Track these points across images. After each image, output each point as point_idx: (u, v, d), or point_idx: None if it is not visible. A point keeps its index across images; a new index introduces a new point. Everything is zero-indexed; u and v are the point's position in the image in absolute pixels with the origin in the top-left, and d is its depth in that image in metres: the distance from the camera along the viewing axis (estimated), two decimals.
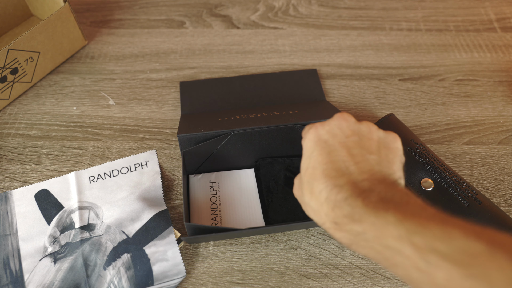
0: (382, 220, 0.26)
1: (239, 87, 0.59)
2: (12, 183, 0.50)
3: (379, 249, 0.26)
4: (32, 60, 0.57)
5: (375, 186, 0.28)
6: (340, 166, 0.30)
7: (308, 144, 0.32)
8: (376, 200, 0.27)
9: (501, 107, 0.57)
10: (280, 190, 0.47)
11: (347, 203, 0.28)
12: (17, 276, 0.43)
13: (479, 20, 0.69)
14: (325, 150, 0.31)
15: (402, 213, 0.25)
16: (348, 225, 0.27)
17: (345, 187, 0.28)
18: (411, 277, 0.24)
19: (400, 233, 0.25)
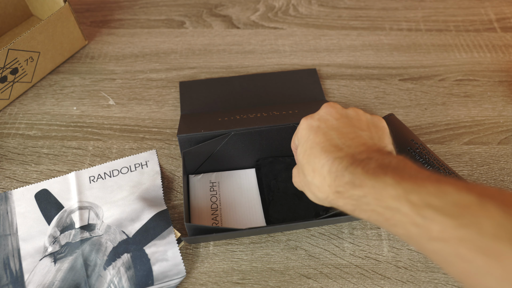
0: (381, 183, 0.27)
1: (239, 87, 0.59)
2: (12, 183, 0.50)
3: (379, 211, 0.27)
4: (32, 60, 0.57)
5: (372, 155, 0.30)
6: (337, 142, 0.32)
7: (302, 133, 0.35)
8: (374, 166, 0.29)
9: (501, 107, 0.57)
10: (281, 189, 0.47)
11: (348, 171, 0.30)
12: (17, 276, 0.43)
13: (479, 20, 0.69)
14: (320, 133, 0.34)
15: (399, 176, 0.27)
16: (350, 191, 0.29)
17: (345, 159, 0.30)
18: (410, 233, 0.26)
19: (398, 192, 0.26)
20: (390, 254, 0.44)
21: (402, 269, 0.43)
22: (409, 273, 0.43)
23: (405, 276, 0.43)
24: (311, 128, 0.35)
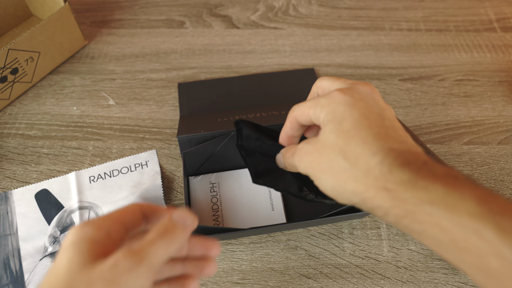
0: (457, 194, 0.22)
1: (237, 87, 0.59)
2: (12, 183, 0.50)
3: (447, 227, 0.22)
4: (32, 60, 0.57)
5: (431, 161, 0.25)
6: (392, 133, 0.27)
7: (339, 108, 0.28)
8: (443, 174, 0.23)
9: (501, 107, 0.57)
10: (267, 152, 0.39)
11: (409, 168, 0.24)
12: (17, 276, 0.43)
13: (479, 20, 0.69)
14: (369, 115, 0.27)
15: (480, 193, 0.22)
16: (408, 192, 0.23)
17: (404, 154, 0.25)
18: (487, 266, 0.20)
19: (481, 211, 0.21)
20: (390, 254, 0.44)
21: (402, 269, 0.43)
22: (409, 273, 0.43)
23: (405, 276, 0.43)
24: (353, 106, 0.28)
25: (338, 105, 0.28)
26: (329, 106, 0.28)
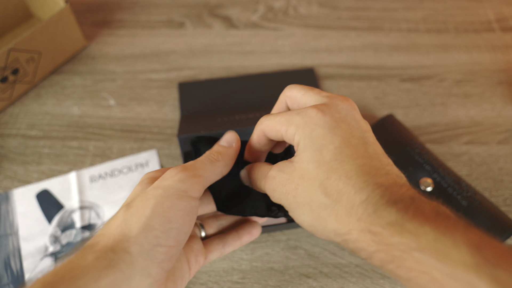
0: (449, 240, 0.20)
1: (237, 88, 0.59)
2: (13, 183, 0.50)
3: (438, 278, 0.19)
4: (33, 60, 0.57)
5: (418, 196, 0.23)
6: (376, 163, 0.24)
7: (319, 132, 0.25)
8: (432, 213, 0.21)
9: (500, 108, 0.57)
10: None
11: (397, 208, 0.22)
12: (18, 276, 0.43)
13: (478, 21, 0.69)
14: (350, 141, 0.25)
15: (473, 237, 0.20)
16: (395, 236, 0.21)
17: (391, 189, 0.23)
18: None
19: (477, 262, 0.19)
20: None
21: None
22: None
23: None
24: (334, 129, 0.25)
25: (317, 127, 0.25)
26: (305, 127, 0.25)
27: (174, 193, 0.25)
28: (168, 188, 0.25)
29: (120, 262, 0.23)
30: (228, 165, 0.30)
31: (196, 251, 0.31)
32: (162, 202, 0.25)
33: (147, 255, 0.24)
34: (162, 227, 0.24)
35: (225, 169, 0.29)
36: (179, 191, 0.25)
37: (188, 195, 0.25)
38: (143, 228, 0.24)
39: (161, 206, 0.24)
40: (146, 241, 0.24)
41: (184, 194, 0.25)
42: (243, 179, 0.33)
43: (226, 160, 0.29)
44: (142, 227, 0.24)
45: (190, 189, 0.26)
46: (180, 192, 0.25)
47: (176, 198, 0.25)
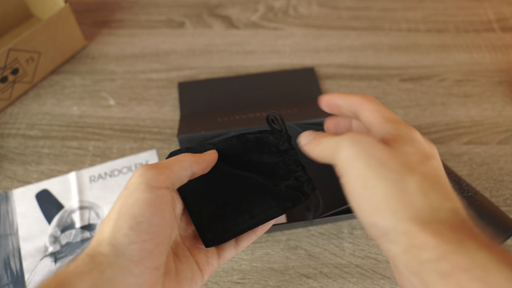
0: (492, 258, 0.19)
1: (237, 87, 0.59)
2: (13, 183, 0.50)
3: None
4: (32, 60, 0.57)
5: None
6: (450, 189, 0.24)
7: (419, 155, 0.24)
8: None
9: (500, 107, 0.57)
10: (214, 185, 0.32)
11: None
12: (18, 276, 0.43)
13: (479, 21, 0.69)
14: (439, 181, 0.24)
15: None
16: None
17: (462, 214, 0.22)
18: None
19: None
20: None
21: None
22: None
23: None
24: (426, 156, 0.24)
25: (417, 150, 0.24)
26: (404, 145, 0.24)
27: (136, 188, 0.25)
28: (130, 186, 0.26)
29: (98, 265, 0.23)
30: (198, 162, 0.28)
31: (205, 252, 0.30)
32: (126, 201, 0.25)
33: (123, 255, 0.24)
34: (129, 224, 0.24)
35: (195, 166, 0.28)
36: (140, 184, 0.25)
37: (151, 185, 0.25)
38: (112, 231, 0.24)
39: (125, 204, 0.25)
40: (117, 242, 0.24)
41: (146, 186, 0.25)
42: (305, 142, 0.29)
43: (196, 157, 0.29)
44: (111, 229, 0.24)
45: (152, 180, 0.25)
46: (141, 185, 0.25)
47: (138, 192, 0.25)
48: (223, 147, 0.32)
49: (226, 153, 0.32)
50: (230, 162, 0.32)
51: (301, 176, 0.30)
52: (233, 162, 0.32)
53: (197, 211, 0.30)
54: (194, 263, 0.29)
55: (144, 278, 0.24)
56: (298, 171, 0.31)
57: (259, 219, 0.30)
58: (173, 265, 0.28)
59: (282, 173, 0.31)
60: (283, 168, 0.31)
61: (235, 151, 0.32)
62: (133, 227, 0.24)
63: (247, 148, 0.32)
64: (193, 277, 0.29)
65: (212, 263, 0.30)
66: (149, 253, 0.24)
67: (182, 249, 0.30)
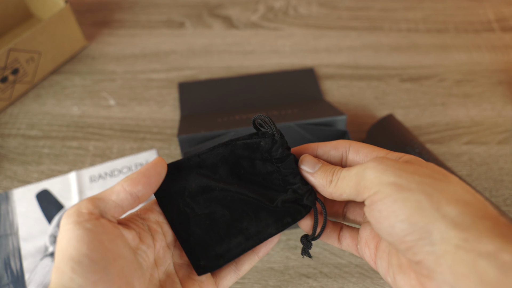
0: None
1: (237, 88, 0.59)
2: (13, 183, 0.50)
3: None
4: (33, 60, 0.57)
5: None
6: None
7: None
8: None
9: (500, 108, 0.57)
10: (202, 204, 0.28)
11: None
12: (18, 276, 0.43)
13: (478, 21, 0.69)
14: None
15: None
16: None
17: None
18: None
19: None
20: None
21: None
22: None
23: None
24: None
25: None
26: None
27: (66, 230, 0.23)
28: (60, 229, 0.24)
29: None
30: (133, 180, 0.25)
31: (200, 284, 0.27)
32: (61, 246, 0.23)
33: None
34: (70, 267, 0.22)
35: (130, 186, 0.25)
36: (67, 225, 0.23)
37: (78, 221, 0.23)
38: (57, 277, 0.22)
39: (61, 250, 0.23)
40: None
41: (73, 224, 0.23)
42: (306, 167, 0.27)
43: (130, 176, 0.25)
44: (56, 277, 0.22)
45: (78, 216, 0.23)
46: (69, 225, 0.23)
47: (69, 233, 0.23)
48: (209, 157, 0.28)
49: (214, 165, 0.28)
50: (219, 175, 0.28)
51: (300, 188, 0.27)
52: (223, 175, 0.28)
53: (185, 236, 0.27)
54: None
55: None
56: (296, 182, 0.27)
57: (256, 239, 0.27)
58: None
59: (279, 184, 0.28)
60: (278, 179, 0.28)
61: (224, 161, 0.28)
62: (75, 269, 0.21)
63: (237, 156, 0.28)
64: None
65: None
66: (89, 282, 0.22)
67: (173, 281, 0.27)
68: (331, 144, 0.28)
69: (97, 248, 0.22)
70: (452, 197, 0.21)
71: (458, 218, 0.20)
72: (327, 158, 0.28)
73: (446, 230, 0.20)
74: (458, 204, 0.21)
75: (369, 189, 0.23)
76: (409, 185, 0.22)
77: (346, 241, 0.29)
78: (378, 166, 0.23)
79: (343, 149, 0.28)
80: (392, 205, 0.22)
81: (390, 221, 0.22)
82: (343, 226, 0.30)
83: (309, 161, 0.28)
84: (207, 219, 0.27)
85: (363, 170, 0.24)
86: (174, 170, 0.28)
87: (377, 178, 0.23)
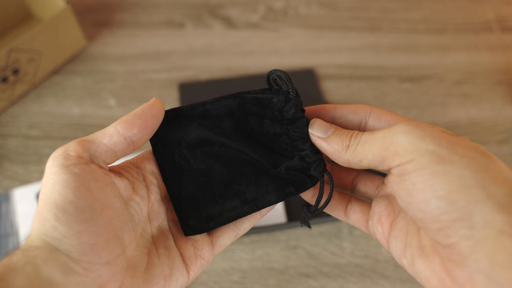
0: None
1: (238, 88, 0.59)
2: (13, 183, 0.50)
3: None
4: (33, 60, 0.58)
5: None
6: None
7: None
8: None
9: (499, 108, 0.58)
10: (199, 158, 0.25)
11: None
12: None
13: (478, 21, 0.69)
14: None
15: None
16: None
17: None
18: None
19: None
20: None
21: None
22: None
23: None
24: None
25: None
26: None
27: (51, 173, 0.21)
28: (45, 172, 0.22)
29: (31, 259, 0.19)
30: (128, 123, 0.23)
31: (194, 243, 0.25)
32: (45, 190, 0.21)
33: (58, 251, 0.19)
34: (53, 214, 0.20)
35: (125, 129, 0.23)
36: (53, 168, 0.21)
37: (65, 165, 0.21)
38: (39, 224, 0.20)
39: (45, 194, 0.21)
40: (47, 236, 0.20)
41: (59, 167, 0.21)
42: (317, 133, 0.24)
43: (125, 118, 0.23)
44: (38, 223, 0.21)
45: (65, 158, 0.21)
46: (55, 168, 0.21)
47: (54, 176, 0.21)
48: (215, 108, 0.25)
49: (218, 117, 0.25)
50: (223, 129, 0.25)
51: (308, 155, 0.24)
52: (227, 130, 0.25)
53: (176, 190, 0.24)
54: (178, 257, 0.24)
55: (91, 276, 0.20)
56: (305, 148, 0.24)
57: (253, 205, 0.24)
58: (144, 258, 0.23)
59: (286, 148, 0.25)
60: (286, 143, 0.25)
61: (231, 114, 0.25)
62: (59, 216, 0.19)
63: (245, 111, 0.25)
64: (171, 274, 0.23)
65: (203, 255, 0.25)
66: (91, 247, 0.20)
67: (166, 237, 0.25)
68: (350, 107, 0.25)
69: (84, 196, 0.20)
70: (499, 176, 0.19)
71: (505, 200, 0.18)
72: (343, 122, 0.25)
73: (491, 213, 0.18)
74: (505, 185, 0.19)
75: (401, 156, 0.20)
76: (452, 157, 0.19)
77: (355, 215, 0.26)
78: (414, 131, 0.20)
79: (363, 114, 0.25)
80: (431, 178, 0.19)
81: (425, 195, 0.19)
82: (351, 199, 0.27)
83: (320, 125, 0.24)
84: (202, 175, 0.25)
85: (393, 134, 0.21)
86: (174, 117, 0.25)
87: (413, 144, 0.20)
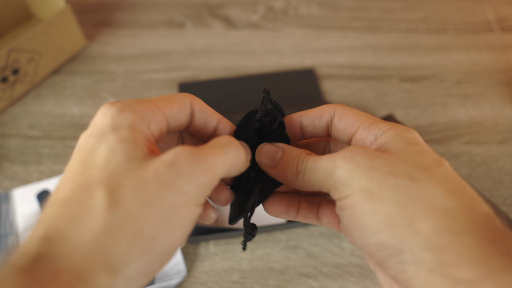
0: None
1: (238, 88, 0.59)
2: (13, 183, 0.50)
3: None
4: (33, 60, 0.58)
5: None
6: None
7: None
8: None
9: (499, 108, 0.58)
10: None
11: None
12: None
13: (478, 21, 0.69)
14: None
15: None
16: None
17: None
18: None
19: None
20: None
21: None
22: None
23: None
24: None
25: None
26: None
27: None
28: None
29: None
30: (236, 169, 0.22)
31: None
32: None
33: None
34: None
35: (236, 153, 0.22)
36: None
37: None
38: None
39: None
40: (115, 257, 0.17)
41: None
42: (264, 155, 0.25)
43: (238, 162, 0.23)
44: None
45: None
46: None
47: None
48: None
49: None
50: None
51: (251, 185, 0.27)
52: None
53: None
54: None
55: None
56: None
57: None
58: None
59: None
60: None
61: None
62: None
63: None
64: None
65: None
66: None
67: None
68: (315, 112, 0.25)
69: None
70: (430, 206, 0.18)
71: (434, 236, 0.18)
72: (312, 129, 0.26)
73: (419, 251, 0.18)
74: (436, 217, 0.18)
75: (339, 191, 0.20)
76: (382, 192, 0.19)
77: (327, 219, 0.26)
78: (349, 165, 0.20)
79: (328, 116, 0.25)
80: (361, 217, 0.19)
81: (359, 233, 0.20)
82: (321, 202, 0.26)
83: (267, 152, 0.24)
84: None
85: (332, 167, 0.21)
86: None
87: (347, 181, 0.20)
